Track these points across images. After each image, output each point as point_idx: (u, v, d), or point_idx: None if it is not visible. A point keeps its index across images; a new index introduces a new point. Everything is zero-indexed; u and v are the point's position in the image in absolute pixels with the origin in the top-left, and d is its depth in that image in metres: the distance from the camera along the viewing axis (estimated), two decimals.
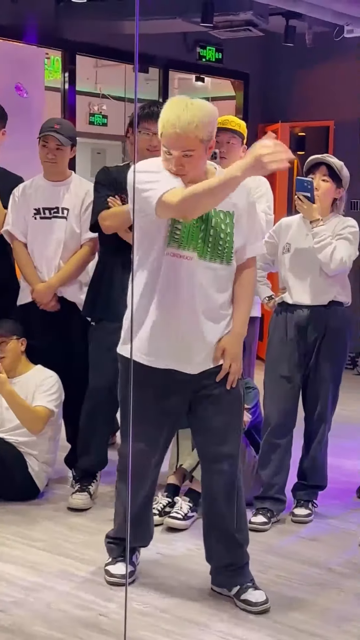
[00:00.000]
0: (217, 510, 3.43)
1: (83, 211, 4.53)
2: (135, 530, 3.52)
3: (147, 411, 3.35)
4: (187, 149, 3.16)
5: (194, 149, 3.17)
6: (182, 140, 3.15)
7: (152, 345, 3.32)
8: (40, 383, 4.41)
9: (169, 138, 3.17)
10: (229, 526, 3.41)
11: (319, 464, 4.40)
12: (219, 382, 3.36)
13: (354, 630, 3.23)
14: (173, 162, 3.20)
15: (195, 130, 3.13)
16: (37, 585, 3.50)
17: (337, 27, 7.08)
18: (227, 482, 3.40)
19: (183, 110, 3.15)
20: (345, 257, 4.13)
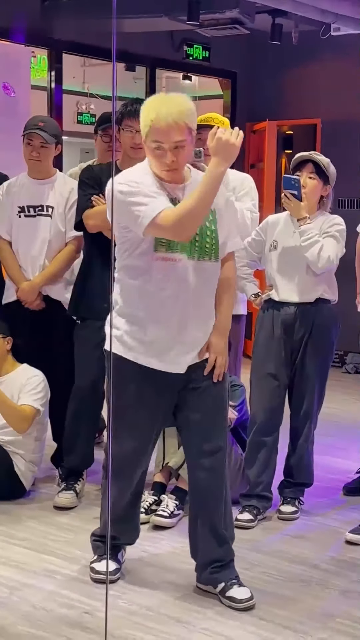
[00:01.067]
0: (203, 506, 3.42)
1: (68, 209, 4.52)
2: (122, 529, 3.52)
3: (136, 410, 3.35)
4: (180, 139, 3.19)
5: (185, 139, 3.21)
6: (175, 130, 3.18)
7: (143, 345, 3.32)
8: (25, 382, 4.40)
9: (160, 131, 3.18)
10: (215, 523, 3.41)
11: (305, 461, 4.40)
12: (204, 377, 3.37)
13: (338, 627, 3.23)
14: (167, 155, 3.20)
15: (185, 119, 3.19)
16: (20, 584, 3.49)
17: (323, 25, 7.08)
18: (212, 478, 3.39)
19: (168, 103, 3.20)
20: (332, 255, 4.13)
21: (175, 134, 3.19)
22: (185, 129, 3.20)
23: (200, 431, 3.39)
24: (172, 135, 3.19)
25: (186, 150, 3.25)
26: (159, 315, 3.28)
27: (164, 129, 3.18)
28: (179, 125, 3.18)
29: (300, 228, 4.14)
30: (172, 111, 3.18)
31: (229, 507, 3.47)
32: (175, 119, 3.17)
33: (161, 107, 3.20)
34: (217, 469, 3.40)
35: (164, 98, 3.26)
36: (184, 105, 3.21)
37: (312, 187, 4.21)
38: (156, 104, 3.22)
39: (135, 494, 3.54)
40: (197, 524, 3.46)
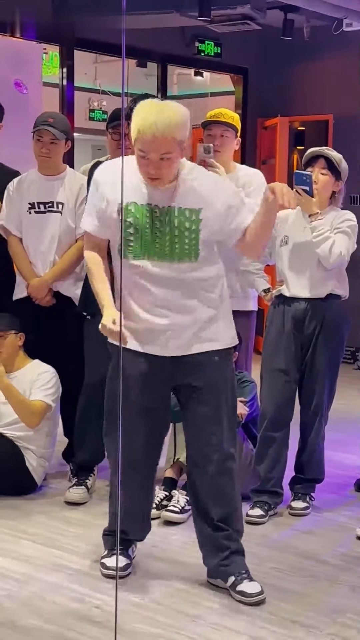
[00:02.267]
0: (203, 502, 3.44)
1: (78, 206, 4.53)
2: (131, 524, 3.52)
3: (131, 402, 3.38)
4: (165, 152, 3.16)
5: (172, 151, 3.17)
6: (160, 143, 3.14)
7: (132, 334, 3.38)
8: (37, 377, 4.41)
9: (146, 142, 3.16)
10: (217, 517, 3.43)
11: (316, 457, 4.40)
12: (199, 373, 3.37)
13: (347, 622, 3.23)
14: (151, 166, 3.20)
15: (173, 132, 3.14)
16: (31, 578, 3.51)
17: (335, 20, 7.06)
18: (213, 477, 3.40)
19: (158, 114, 3.14)
20: (343, 251, 4.13)
21: (161, 146, 3.16)
22: (172, 142, 3.15)
23: (197, 429, 3.42)
24: (156, 148, 3.16)
25: (172, 161, 3.20)
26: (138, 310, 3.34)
27: (149, 140, 3.15)
28: (165, 139, 3.14)
29: (311, 224, 4.13)
30: (160, 124, 3.12)
31: (236, 501, 3.47)
32: (162, 133, 3.13)
33: (149, 117, 3.15)
34: (216, 468, 3.40)
35: (154, 107, 3.18)
36: (173, 118, 3.14)
37: (324, 183, 4.20)
38: (146, 113, 3.16)
39: (145, 489, 3.54)
40: (199, 517, 3.48)
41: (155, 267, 3.29)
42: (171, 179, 3.27)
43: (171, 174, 3.25)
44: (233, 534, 3.47)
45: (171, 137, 3.14)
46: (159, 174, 3.21)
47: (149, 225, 3.27)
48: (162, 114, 3.14)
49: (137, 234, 3.29)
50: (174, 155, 3.19)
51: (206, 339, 3.38)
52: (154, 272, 3.29)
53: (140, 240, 3.29)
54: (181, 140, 3.18)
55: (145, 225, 3.28)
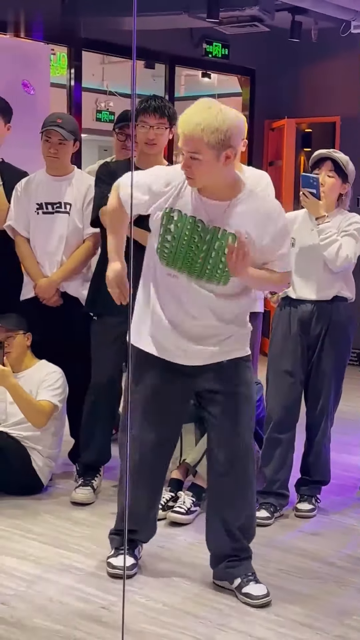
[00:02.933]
0: (216, 503, 3.45)
1: (85, 206, 4.53)
2: (137, 525, 3.53)
3: (147, 404, 3.39)
4: (193, 151, 3.13)
5: (201, 153, 3.12)
6: (188, 141, 3.14)
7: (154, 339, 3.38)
8: (44, 378, 4.42)
9: (180, 138, 3.17)
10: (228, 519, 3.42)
11: (322, 459, 4.40)
12: (220, 378, 3.37)
13: (354, 624, 3.23)
14: (183, 162, 3.19)
15: (201, 133, 3.09)
16: (38, 578, 3.51)
17: (343, 22, 7.06)
18: (227, 481, 3.40)
19: (196, 113, 3.13)
20: (350, 254, 4.13)
21: (188, 144, 3.14)
22: (200, 142, 3.10)
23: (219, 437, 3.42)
24: (185, 144, 3.15)
25: (203, 164, 3.14)
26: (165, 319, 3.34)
27: (180, 136, 3.17)
28: (192, 137, 3.11)
29: (318, 226, 4.14)
30: (190, 122, 3.11)
31: (250, 508, 3.47)
32: (190, 132, 3.11)
33: (187, 113, 3.15)
34: (232, 473, 3.40)
35: (198, 106, 3.15)
36: (208, 120, 3.08)
37: (331, 185, 4.21)
38: (190, 110, 3.16)
39: (154, 491, 3.55)
40: (210, 517, 3.49)
41: (183, 279, 3.29)
42: (217, 189, 3.21)
43: (204, 178, 3.19)
44: (245, 539, 3.47)
45: (199, 138, 3.09)
46: (189, 172, 3.19)
47: (187, 238, 3.26)
48: (198, 114, 3.12)
49: (174, 242, 3.28)
50: (203, 157, 3.13)
51: (226, 350, 3.37)
52: (182, 284, 3.29)
53: (175, 250, 3.28)
54: (214, 146, 3.10)
55: (184, 236, 3.26)
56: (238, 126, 3.17)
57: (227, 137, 3.12)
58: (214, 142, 3.11)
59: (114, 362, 4.38)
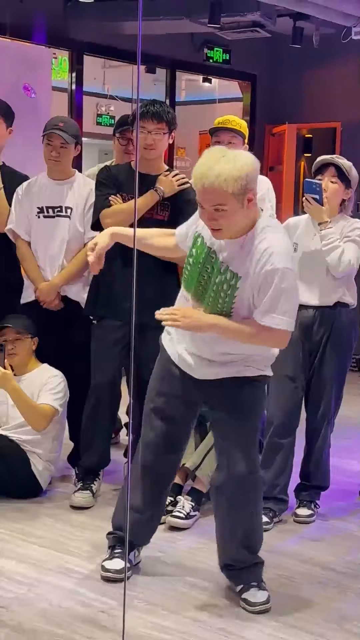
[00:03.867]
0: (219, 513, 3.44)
1: (86, 210, 4.53)
2: (135, 528, 3.51)
3: (157, 405, 3.44)
4: (217, 204, 3.08)
5: (226, 203, 3.06)
6: (210, 194, 3.06)
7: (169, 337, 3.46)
8: (46, 381, 4.42)
9: (198, 192, 3.11)
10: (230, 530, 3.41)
11: (321, 464, 4.39)
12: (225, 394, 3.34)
13: (354, 630, 3.23)
14: (206, 216, 3.14)
15: (224, 184, 3.02)
16: (37, 581, 3.50)
17: (344, 28, 7.07)
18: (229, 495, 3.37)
19: (213, 164, 3.06)
20: (353, 260, 4.13)
21: (211, 198, 3.06)
22: (224, 194, 3.03)
23: (222, 445, 3.41)
24: (208, 199, 3.08)
25: (229, 213, 3.07)
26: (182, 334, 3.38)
27: (200, 190, 3.09)
28: (215, 190, 3.03)
29: (321, 232, 4.14)
30: (210, 175, 3.03)
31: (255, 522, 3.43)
32: (211, 184, 3.03)
33: (203, 166, 3.08)
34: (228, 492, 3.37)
35: (213, 157, 3.08)
36: (227, 170, 3.02)
37: (334, 191, 4.21)
38: (202, 162, 3.10)
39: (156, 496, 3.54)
40: (219, 529, 3.48)
41: (195, 303, 3.28)
42: (235, 231, 3.14)
43: (231, 226, 3.12)
44: (251, 552, 3.44)
45: (222, 190, 3.02)
46: (215, 224, 3.12)
47: (201, 266, 3.25)
48: (216, 165, 3.05)
49: (192, 267, 3.28)
50: (229, 207, 3.06)
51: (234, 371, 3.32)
52: (194, 307, 3.29)
53: (191, 275, 3.29)
54: (239, 193, 3.05)
55: (198, 263, 3.25)
56: (255, 167, 3.11)
57: (248, 182, 3.06)
58: (238, 191, 3.04)
59: (114, 365, 4.38)
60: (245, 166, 3.07)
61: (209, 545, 3.81)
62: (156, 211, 4.26)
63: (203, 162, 3.10)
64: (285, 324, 3.17)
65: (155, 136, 4.20)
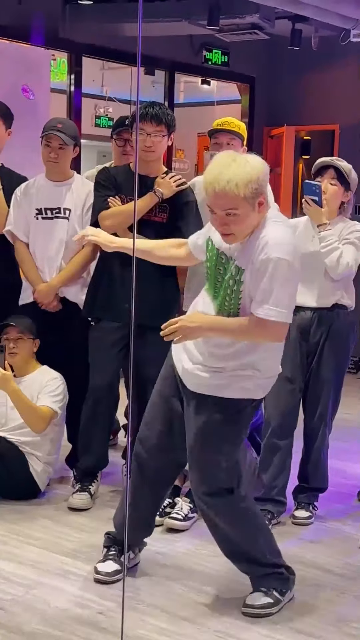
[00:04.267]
0: (215, 536, 3.43)
1: (85, 212, 4.53)
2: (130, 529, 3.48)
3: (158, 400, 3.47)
4: (229, 208, 3.07)
5: (237, 208, 3.06)
6: (222, 199, 3.06)
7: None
8: (45, 383, 4.41)
9: (209, 197, 3.11)
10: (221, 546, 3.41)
11: (319, 466, 4.40)
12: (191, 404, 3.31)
13: (353, 632, 3.23)
14: (218, 221, 3.13)
15: (235, 189, 3.02)
16: (36, 583, 3.50)
17: (343, 31, 7.07)
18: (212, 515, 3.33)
19: (224, 169, 3.07)
20: (351, 262, 4.14)
21: (223, 203, 3.06)
22: (236, 198, 3.03)
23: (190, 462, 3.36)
24: (219, 204, 3.08)
25: (241, 217, 3.07)
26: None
27: (212, 195, 3.09)
28: (227, 195, 3.03)
29: (320, 234, 4.14)
30: (221, 180, 3.03)
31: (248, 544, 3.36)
32: (223, 189, 3.03)
33: (213, 171, 3.08)
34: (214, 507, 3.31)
35: (223, 162, 3.08)
36: (238, 175, 3.03)
37: (333, 193, 4.22)
38: (212, 167, 3.10)
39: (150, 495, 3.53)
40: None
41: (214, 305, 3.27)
42: (246, 235, 3.15)
43: (243, 230, 3.12)
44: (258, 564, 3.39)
45: (234, 194, 3.02)
46: (227, 229, 3.12)
47: (214, 269, 3.26)
48: (227, 170, 3.05)
49: (210, 271, 3.30)
50: (241, 211, 3.06)
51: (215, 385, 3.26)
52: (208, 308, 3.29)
53: (209, 279, 3.30)
54: (251, 197, 3.05)
55: (213, 266, 3.27)
56: (265, 171, 3.11)
57: (259, 186, 3.07)
58: (249, 195, 3.05)
59: (112, 367, 4.38)
60: (256, 170, 3.08)
61: (207, 547, 3.82)
62: (155, 213, 4.27)
63: (214, 167, 3.10)
64: (278, 315, 3.12)
65: (154, 138, 4.21)
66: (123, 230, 4.23)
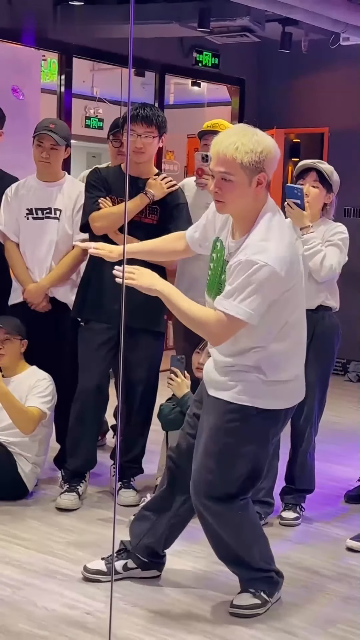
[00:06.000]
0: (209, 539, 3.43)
1: (75, 212, 4.54)
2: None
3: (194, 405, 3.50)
4: (225, 171, 3.07)
5: (233, 174, 3.06)
6: (221, 160, 3.08)
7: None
8: (34, 384, 4.41)
9: (212, 158, 3.13)
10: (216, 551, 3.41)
11: (306, 468, 4.41)
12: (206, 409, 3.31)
13: (339, 633, 3.24)
14: (215, 184, 3.13)
15: (235, 153, 3.03)
16: (23, 583, 3.51)
17: (333, 34, 7.09)
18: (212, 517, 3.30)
19: (233, 134, 3.10)
20: (334, 264, 4.16)
21: (220, 163, 3.07)
22: (233, 162, 3.04)
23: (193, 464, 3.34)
24: (217, 164, 3.09)
25: (235, 186, 3.06)
26: None
27: (214, 155, 3.11)
28: (225, 156, 3.04)
29: (303, 237, 4.16)
30: (225, 142, 3.06)
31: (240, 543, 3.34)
32: (224, 150, 3.05)
33: (222, 136, 3.12)
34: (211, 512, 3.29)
35: (233, 129, 3.17)
36: (241, 141, 3.04)
37: (315, 196, 4.24)
38: (225, 132, 3.15)
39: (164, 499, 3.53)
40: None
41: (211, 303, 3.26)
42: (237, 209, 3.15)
43: (235, 203, 3.11)
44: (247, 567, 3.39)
45: (232, 157, 3.03)
46: (220, 196, 3.11)
47: (221, 269, 3.23)
48: (233, 135, 3.08)
49: (213, 272, 3.26)
50: (236, 179, 3.06)
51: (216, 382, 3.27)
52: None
53: (211, 279, 3.28)
54: (247, 167, 3.04)
55: (218, 268, 3.23)
56: (273, 152, 3.10)
57: (260, 160, 3.05)
58: (247, 163, 3.04)
59: (101, 368, 4.38)
60: (262, 144, 3.08)
61: (194, 547, 3.84)
62: (145, 215, 4.28)
63: (225, 132, 3.15)
64: (236, 310, 3.02)
65: (145, 140, 4.22)
66: (114, 232, 4.24)
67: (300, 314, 3.28)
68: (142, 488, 4.51)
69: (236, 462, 3.25)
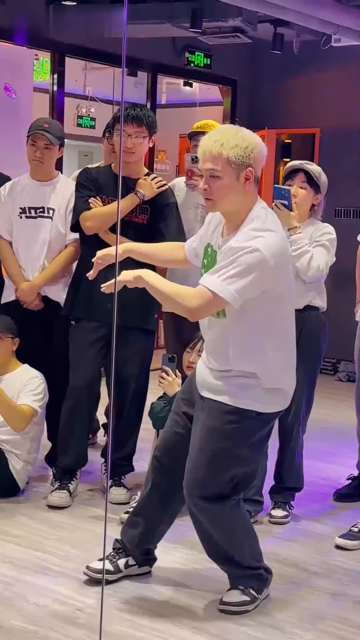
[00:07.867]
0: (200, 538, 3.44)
1: (68, 212, 4.56)
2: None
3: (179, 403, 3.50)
4: (213, 167, 3.11)
5: (220, 169, 3.09)
6: (207, 157, 3.12)
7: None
8: (26, 382, 4.43)
9: (200, 158, 3.18)
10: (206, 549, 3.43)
11: (294, 466, 4.45)
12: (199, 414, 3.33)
13: (327, 629, 3.28)
14: (203, 181, 3.17)
15: (220, 148, 3.08)
16: (14, 580, 3.53)
17: (324, 35, 7.13)
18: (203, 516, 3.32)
19: (218, 132, 3.16)
20: (322, 265, 4.18)
21: (207, 160, 3.11)
22: (219, 158, 3.08)
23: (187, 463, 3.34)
24: (204, 162, 3.13)
25: (223, 183, 3.09)
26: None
27: (201, 153, 3.16)
28: (211, 153, 3.09)
29: (290, 237, 4.18)
30: (212, 139, 3.12)
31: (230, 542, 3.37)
32: (210, 147, 3.10)
33: (209, 134, 3.17)
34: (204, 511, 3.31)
35: (221, 128, 3.26)
36: (229, 138, 3.09)
37: (303, 197, 4.27)
38: (211, 132, 3.20)
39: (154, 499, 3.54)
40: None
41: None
42: (227, 208, 3.17)
43: (224, 200, 3.14)
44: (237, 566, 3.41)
45: (218, 153, 3.08)
46: (208, 194, 3.14)
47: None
48: (220, 133, 3.14)
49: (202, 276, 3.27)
50: (223, 175, 3.10)
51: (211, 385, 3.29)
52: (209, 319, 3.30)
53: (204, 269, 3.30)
54: (234, 162, 3.08)
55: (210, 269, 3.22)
56: (258, 147, 3.13)
57: (246, 155, 3.09)
58: (234, 158, 3.08)
59: (92, 366, 4.41)
60: (247, 140, 3.12)
61: (185, 545, 3.87)
62: (135, 214, 4.30)
63: (209, 133, 3.20)
64: (219, 288, 3.02)
65: (135, 140, 4.24)
66: (104, 231, 4.27)
67: (291, 326, 3.32)
68: (132, 486, 4.54)
69: (231, 463, 3.28)
